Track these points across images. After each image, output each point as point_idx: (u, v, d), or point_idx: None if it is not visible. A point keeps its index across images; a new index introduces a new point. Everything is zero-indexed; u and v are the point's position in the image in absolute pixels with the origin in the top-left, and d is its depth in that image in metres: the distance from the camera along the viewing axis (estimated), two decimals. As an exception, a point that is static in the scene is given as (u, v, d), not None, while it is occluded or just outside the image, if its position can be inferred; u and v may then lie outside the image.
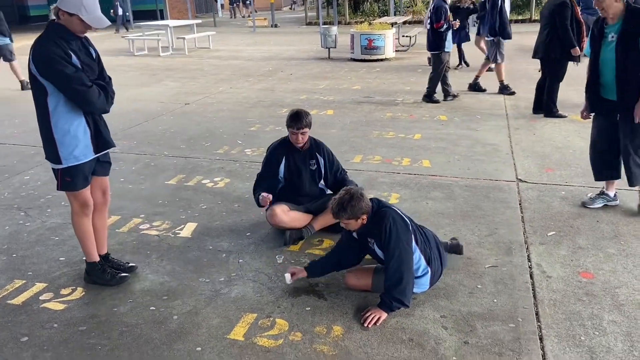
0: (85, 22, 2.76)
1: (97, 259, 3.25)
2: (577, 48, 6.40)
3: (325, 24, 16.39)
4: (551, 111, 6.81)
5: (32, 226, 4.12)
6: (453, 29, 8.06)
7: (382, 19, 15.92)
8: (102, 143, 3.04)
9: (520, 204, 4.28)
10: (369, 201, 2.93)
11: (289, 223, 3.71)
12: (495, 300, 2.99)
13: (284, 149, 3.84)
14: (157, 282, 3.30)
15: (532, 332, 2.71)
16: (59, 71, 2.73)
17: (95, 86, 2.85)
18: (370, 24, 13.34)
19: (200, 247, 3.73)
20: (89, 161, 3.01)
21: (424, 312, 2.91)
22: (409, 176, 4.98)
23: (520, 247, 3.59)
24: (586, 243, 3.62)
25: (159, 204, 4.49)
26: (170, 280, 3.32)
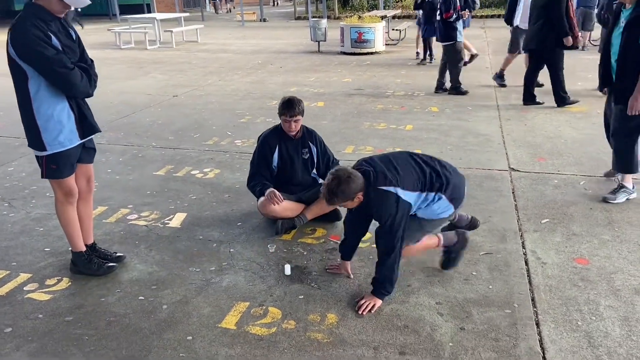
0: (64, 1, 2.66)
1: (83, 249, 3.16)
2: (570, 37, 6.39)
3: (314, 18, 16.31)
4: (564, 99, 6.79)
5: (16, 217, 4.00)
6: (464, 18, 7.90)
7: (372, 13, 15.86)
8: (88, 128, 2.94)
9: (513, 192, 4.25)
10: (359, 179, 2.66)
11: (280, 212, 3.64)
12: (491, 287, 2.95)
13: (277, 137, 3.77)
14: (145, 271, 3.21)
15: (528, 318, 2.68)
16: (39, 53, 2.62)
17: (77, 68, 2.75)
18: (360, 17, 13.26)
19: (190, 237, 3.65)
20: (75, 147, 2.91)
21: (419, 299, 2.87)
22: (401, 166, 4.93)
23: (515, 234, 3.56)
24: (580, 230, 3.60)
25: (147, 195, 4.40)
26: (159, 269, 3.23)
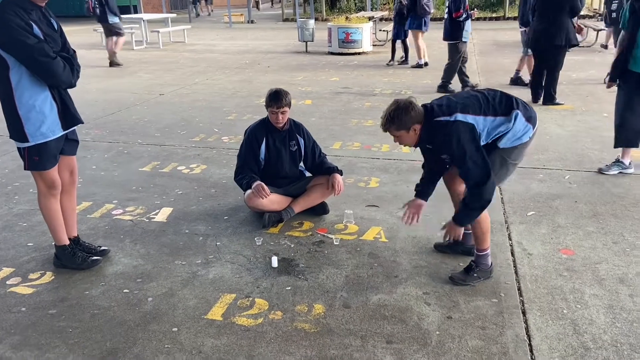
0: None
1: (66, 242, 3.12)
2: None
3: (302, 19, 16.33)
4: (552, 98, 6.92)
5: (-1, 213, 3.95)
6: (472, 18, 7.81)
7: (360, 14, 15.91)
8: (70, 119, 2.90)
9: (499, 185, 4.27)
10: (419, 110, 2.66)
11: (267, 206, 3.63)
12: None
13: (264, 129, 3.75)
14: (130, 265, 3.18)
15: (514, 307, 2.69)
16: (20, 42, 2.58)
17: (59, 58, 2.71)
18: (347, 17, 13.29)
19: (176, 230, 3.62)
20: (57, 139, 2.87)
21: (406, 289, 2.87)
22: (388, 161, 4.94)
23: (501, 226, 3.58)
24: (565, 222, 3.63)
25: (132, 190, 4.35)
26: (144, 263, 3.20)
